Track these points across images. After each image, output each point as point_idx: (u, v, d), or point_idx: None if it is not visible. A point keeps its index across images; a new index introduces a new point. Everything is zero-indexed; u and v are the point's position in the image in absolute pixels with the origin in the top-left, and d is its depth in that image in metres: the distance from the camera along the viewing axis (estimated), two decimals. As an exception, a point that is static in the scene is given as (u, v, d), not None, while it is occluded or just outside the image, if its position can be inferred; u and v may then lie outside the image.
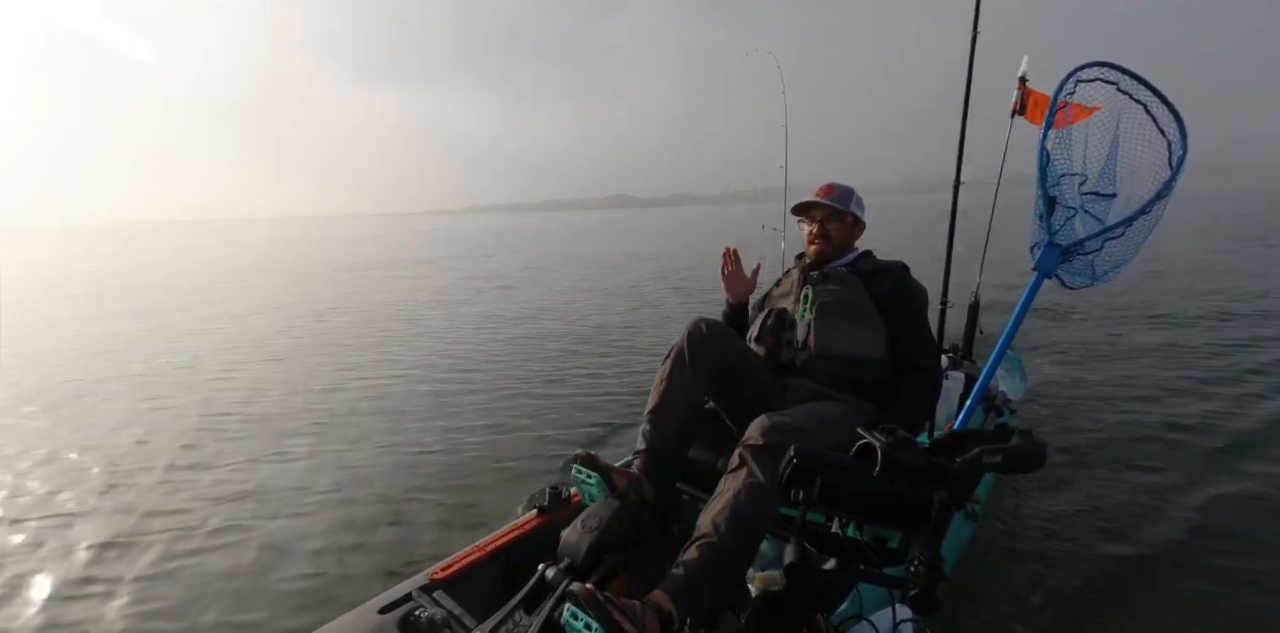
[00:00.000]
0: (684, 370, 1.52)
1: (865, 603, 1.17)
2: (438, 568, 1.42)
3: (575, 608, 0.95)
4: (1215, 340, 4.78)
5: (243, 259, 20.49)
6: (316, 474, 2.99)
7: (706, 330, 1.56)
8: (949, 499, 0.86)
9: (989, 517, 2.24)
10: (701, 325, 1.57)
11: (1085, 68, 1.70)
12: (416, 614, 1.26)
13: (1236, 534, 2.18)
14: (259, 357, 5.70)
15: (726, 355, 1.57)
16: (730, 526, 1.17)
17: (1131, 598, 1.87)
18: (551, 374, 4.65)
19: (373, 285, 11.42)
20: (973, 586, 1.89)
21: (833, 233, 1.80)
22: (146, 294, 11.12)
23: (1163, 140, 1.65)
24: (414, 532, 2.43)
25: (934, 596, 0.84)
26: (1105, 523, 2.26)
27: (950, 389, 2.55)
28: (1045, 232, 1.71)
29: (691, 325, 1.58)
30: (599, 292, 9.37)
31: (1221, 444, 2.90)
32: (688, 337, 1.56)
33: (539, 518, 1.61)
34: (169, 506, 2.72)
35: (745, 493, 1.21)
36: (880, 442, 0.88)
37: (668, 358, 1.57)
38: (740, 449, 1.29)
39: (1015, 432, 0.87)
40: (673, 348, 1.58)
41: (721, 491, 1.26)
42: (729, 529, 1.17)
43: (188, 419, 3.91)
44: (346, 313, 8.15)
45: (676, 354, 1.56)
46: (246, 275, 14.32)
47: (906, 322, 1.68)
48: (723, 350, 1.57)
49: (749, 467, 1.25)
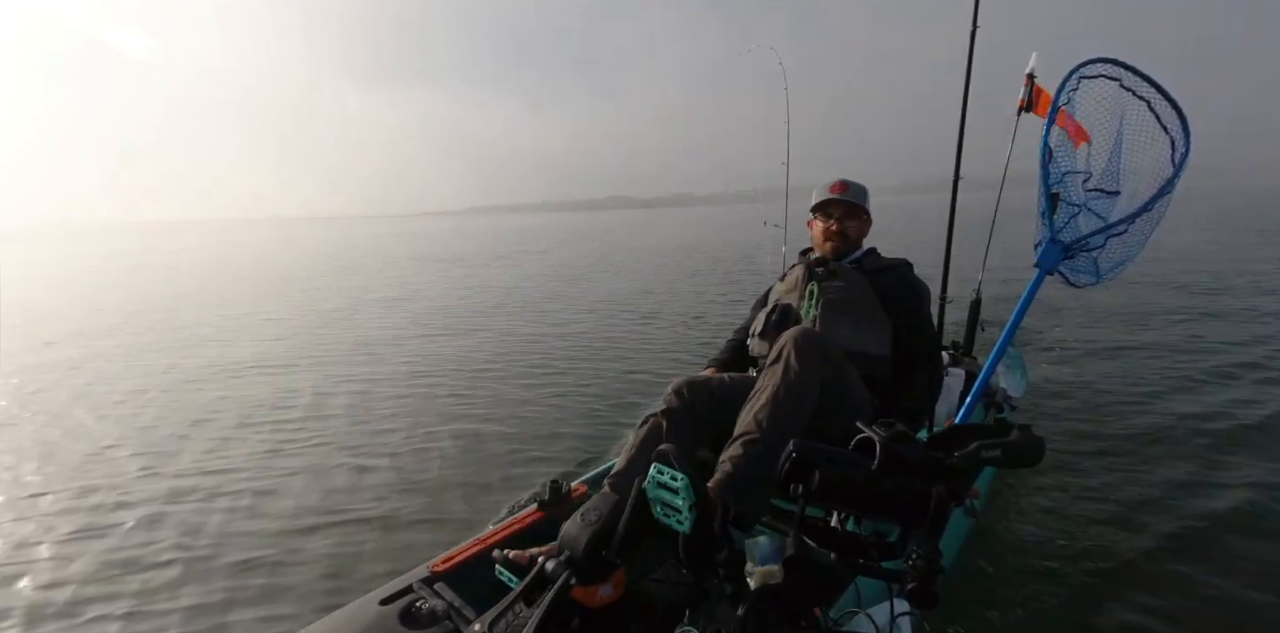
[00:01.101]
0: (657, 443, 1.48)
1: (864, 597, 1.18)
2: (438, 561, 1.42)
3: (661, 465, 0.99)
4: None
5: (329, 253, 22.18)
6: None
7: (689, 396, 1.50)
8: (947, 493, 0.86)
9: (987, 511, 2.24)
10: (683, 392, 1.51)
11: (1089, 64, 1.69)
12: (417, 606, 1.27)
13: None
14: (462, 329, 6.63)
15: (717, 412, 1.49)
16: (771, 421, 1.24)
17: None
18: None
19: (482, 273, 12.75)
20: (971, 580, 1.89)
21: (850, 230, 1.79)
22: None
23: (1166, 137, 1.65)
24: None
25: (932, 589, 0.84)
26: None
27: (951, 386, 2.55)
28: (1047, 228, 1.71)
29: (670, 399, 1.51)
30: (681, 274, 10.46)
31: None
32: (666, 413, 1.49)
33: (539, 511, 1.62)
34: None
35: (784, 388, 1.27)
36: (879, 436, 0.88)
37: (643, 425, 1.51)
38: (780, 344, 1.34)
39: (1014, 427, 0.87)
40: (649, 417, 1.51)
41: (760, 387, 1.31)
42: (770, 425, 1.24)
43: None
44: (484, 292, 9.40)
45: (653, 425, 1.49)
46: (360, 265, 16.36)
47: (910, 318, 1.68)
48: (711, 411, 1.50)
49: (787, 360, 1.30)
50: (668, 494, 1.00)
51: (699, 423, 1.49)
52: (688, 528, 0.98)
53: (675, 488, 0.98)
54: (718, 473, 1.21)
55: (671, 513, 1.00)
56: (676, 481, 0.98)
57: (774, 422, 1.24)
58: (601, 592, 0.99)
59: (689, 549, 1.00)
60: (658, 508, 1.02)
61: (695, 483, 0.97)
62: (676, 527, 0.99)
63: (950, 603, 1.72)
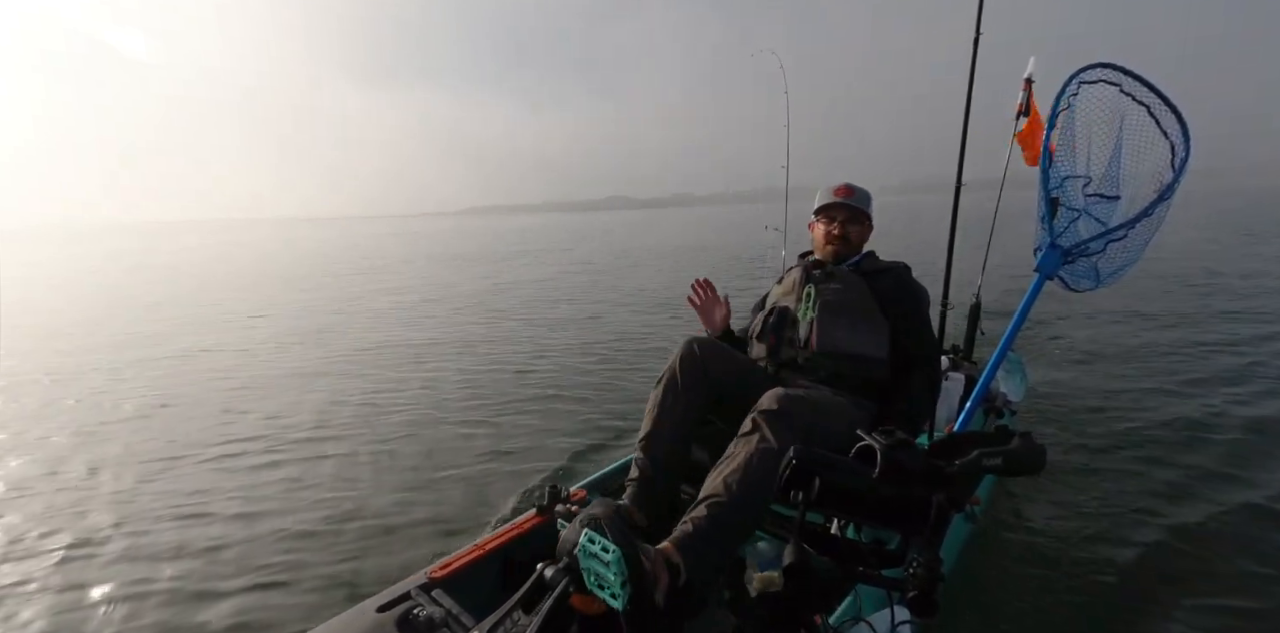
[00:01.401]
0: (677, 396, 1.50)
1: (864, 604, 1.17)
2: (436, 567, 1.42)
3: (592, 532, 0.91)
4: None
5: (360, 252, 22.80)
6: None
7: (699, 351, 1.53)
8: (948, 501, 0.86)
9: (988, 518, 2.24)
10: (694, 347, 1.54)
11: (1089, 69, 1.69)
12: (415, 613, 1.26)
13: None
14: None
15: (724, 372, 1.54)
16: (741, 486, 1.20)
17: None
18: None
19: (511, 271, 13.21)
20: (971, 587, 1.88)
21: (853, 235, 1.79)
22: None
23: (1165, 142, 1.64)
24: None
25: (932, 597, 0.83)
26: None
27: (950, 391, 2.54)
28: (1047, 233, 1.71)
29: (684, 349, 1.54)
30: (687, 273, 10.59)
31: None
32: (680, 361, 1.52)
33: (538, 517, 1.61)
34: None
35: (758, 457, 1.23)
36: (879, 443, 0.88)
37: (659, 383, 1.54)
38: (754, 415, 1.32)
39: (1015, 434, 0.87)
40: (664, 372, 1.54)
41: (732, 453, 1.29)
42: (740, 490, 1.19)
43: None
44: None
45: (669, 379, 1.52)
46: (394, 262, 16.99)
47: (908, 321, 1.68)
48: (720, 368, 1.53)
49: (762, 431, 1.28)
50: (599, 567, 0.91)
51: (710, 377, 1.51)
52: (621, 605, 0.90)
53: (607, 562, 0.89)
54: (677, 532, 1.15)
55: (605, 586, 0.92)
56: (608, 553, 0.89)
57: (744, 488, 1.20)
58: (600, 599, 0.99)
59: (629, 624, 0.92)
60: (590, 578, 0.94)
61: (629, 555, 0.89)
62: (610, 602, 0.91)
63: (950, 611, 1.72)
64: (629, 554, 0.90)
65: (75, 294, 12.06)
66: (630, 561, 0.90)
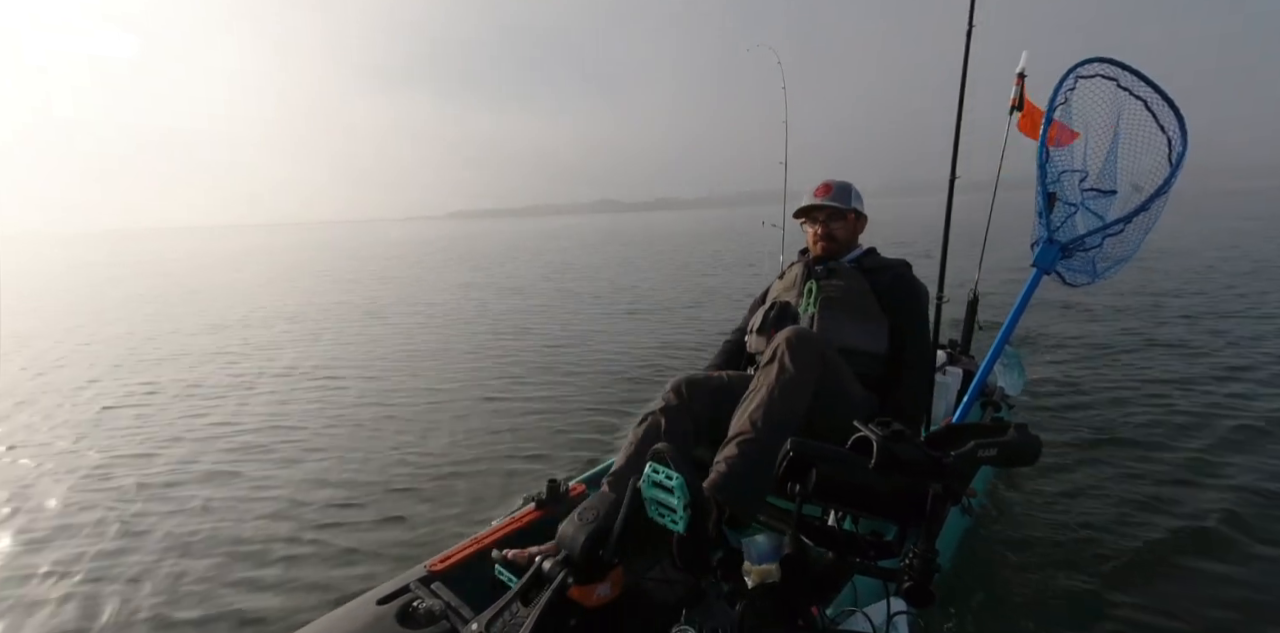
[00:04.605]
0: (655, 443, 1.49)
1: (860, 595, 1.18)
2: (436, 560, 1.42)
3: (656, 464, 0.98)
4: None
5: (410, 254, 22.46)
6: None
7: (686, 393, 1.49)
8: (944, 492, 0.86)
9: (984, 510, 2.25)
10: (681, 390, 1.50)
11: (1086, 63, 1.69)
12: (414, 605, 1.27)
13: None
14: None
15: (711, 404, 1.50)
16: (766, 421, 1.25)
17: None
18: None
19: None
20: (967, 578, 1.89)
21: (838, 232, 1.79)
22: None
23: (1162, 137, 1.65)
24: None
25: (928, 588, 0.84)
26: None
27: (948, 385, 2.55)
28: (1044, 228, 1.71)
29: (667, 396, 1.50)
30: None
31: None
32: (663, 412, 1.48)
33: (537, 511, 1.62)
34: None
35: (779, 390, 1.28)
36: (876, 435, 0.88)
37: (641, 423, 1.50)
38: (774, 343, 1.35)
39: (1011, 426, 0.87)
40: (647, 415, 1.50)
41: (755, 387, 1.32)
42: (765, 425, 1.25)
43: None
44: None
45: (650, 425, 1.48)
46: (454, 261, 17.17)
47: (907, 317, 1.68)
48: (705, 402, 1.50)
49: (781, 361, 1.31)
50: (663, 494, 0.99)
51: (697, 421, 1.49)
52: (682, 528, 0.97)
53: (670, 488, 0.98)
54: (713, 473, 1.21)
55: (666, 513, 0.99)
56: (671, 480, 0.97)
57: (769, 422, 1.25)
58: (599, 591, 0.99)
59: (683, 550, 1.00)
60: (652, 507, 1.01)
61: (690, 483, 0.96)
62: (671, 527, 0.98)
63: (947, 601, 1.73)
64: (691, 482, 0.96)
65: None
66: (692, 487, 0.96)
